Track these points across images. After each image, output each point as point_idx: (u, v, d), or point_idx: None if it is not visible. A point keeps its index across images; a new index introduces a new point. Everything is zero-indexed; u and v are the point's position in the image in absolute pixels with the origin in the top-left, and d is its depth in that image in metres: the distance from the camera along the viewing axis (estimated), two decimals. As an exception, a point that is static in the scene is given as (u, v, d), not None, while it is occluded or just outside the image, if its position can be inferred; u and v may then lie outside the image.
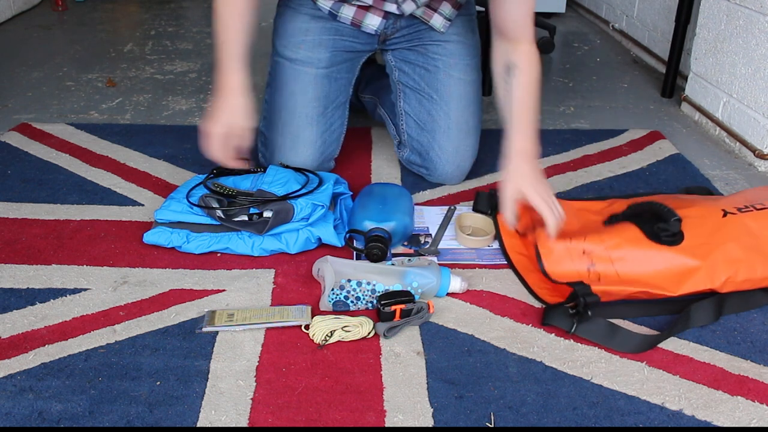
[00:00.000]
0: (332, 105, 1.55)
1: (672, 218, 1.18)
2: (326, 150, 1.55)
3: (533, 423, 0.94)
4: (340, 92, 1.57)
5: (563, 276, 1.17)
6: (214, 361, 1.04)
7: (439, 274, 1.17)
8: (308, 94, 1.52)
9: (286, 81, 1.52)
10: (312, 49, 1.51)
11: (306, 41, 1.51)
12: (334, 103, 1.55)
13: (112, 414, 0.94)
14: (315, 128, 1.52)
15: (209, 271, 1.25)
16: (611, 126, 1.96)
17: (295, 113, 1.51)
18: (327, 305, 1.14)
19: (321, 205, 1.30)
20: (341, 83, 1.56)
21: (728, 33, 1.83)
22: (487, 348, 1.08)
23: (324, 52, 1.52)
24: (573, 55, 2.64)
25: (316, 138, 1.52)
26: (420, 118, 1.57)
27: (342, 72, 1.56)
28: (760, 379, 1.02)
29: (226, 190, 1.33)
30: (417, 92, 1.57)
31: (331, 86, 1.54)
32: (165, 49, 2.62)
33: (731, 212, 1.24)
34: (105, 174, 1.61)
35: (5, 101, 2.07)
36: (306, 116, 1.52)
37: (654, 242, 1.19)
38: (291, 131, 1.51)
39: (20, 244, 1.33)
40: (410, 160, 1.62)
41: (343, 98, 1.58)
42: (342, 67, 1.55)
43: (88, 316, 1.13)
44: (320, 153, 1.53)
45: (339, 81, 1.55)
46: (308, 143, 1.52)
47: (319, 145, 1.53)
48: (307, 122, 1.52)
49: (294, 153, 1.51)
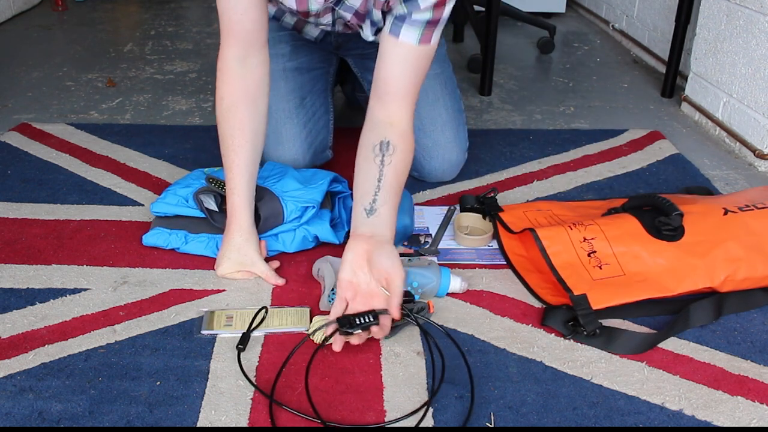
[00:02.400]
0: (310, 94, 1.53)
1: (673, 212, 1.18)
2: (315, 141, 1.53)
3: (533, 423, 0.94)
4: (316, 81, 1.55)
5: (564, 266, 1.16)
6: (214, 361, 1.04)
7: (439, 274, 1.17)
8: (280, 89, 1.51)
9: None
10: (272, 46, 1.49)
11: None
12: (312, 93, 1.53)
13: (112, 414, 0.94)
14: (295, 121, 1.51)
15: (209, 271, 1.25)
16: (611, 126, 1.96)
17: (272, 111, 1.49)
18: (327, 305, 1.14)
19: (311, 206, 1.29)
20: (315, 73, 1.55)
21: (728, 33, 1.83)
22: (487, 348, 1.08)
23: (285, 46, 1.52)
24: (573, 55, 2.64)
25: (299, 130, 1.51)
26: None
27: (314, 62, 1.54)
28: (760, 379, 1.02)
29: (222, 184, 1.33)
30: None
31: (303, 77, 1.53)
32: (165, 49, 2.62)
33: (732, 211, 1.25)
34: (105, 174, 1.61)
35: (5, 101, 2.07)
36: (283, 111, 1.51)
37: (653, 236, 1.19)
38: (272, 129, 1.49)
39: (20, 244, 1.33)
40: None
41: (322, 86, 1.56)
42: (312, 58, 1.54)
43: (88, 316, 1.13)
44: (308, 145, 1.52)
45: (312, 71, 1.54)
46: (292, 137, 1.50)
47: (304, 137, 1.51)
48: (286, 116, 1.51)
49: (280, 150, 1.50)
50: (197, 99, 2.11)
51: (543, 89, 2.26)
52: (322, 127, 1.55)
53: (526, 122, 1.98)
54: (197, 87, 2.22)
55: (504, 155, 1.74)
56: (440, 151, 1.54)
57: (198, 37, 2.80)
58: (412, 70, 1.15)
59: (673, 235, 1.19)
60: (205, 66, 2.43)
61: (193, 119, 1.96)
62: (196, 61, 2.48)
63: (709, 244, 1.18)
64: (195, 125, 1.91)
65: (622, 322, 1.14)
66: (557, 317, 1.12)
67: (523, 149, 1.78)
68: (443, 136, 1.54)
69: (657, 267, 1.17)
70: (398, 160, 1.15)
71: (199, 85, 2.23)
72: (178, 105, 2.07)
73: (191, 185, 1.34)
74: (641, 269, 1.17)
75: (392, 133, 1.15)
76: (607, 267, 1.17)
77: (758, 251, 1.19)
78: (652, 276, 1.16)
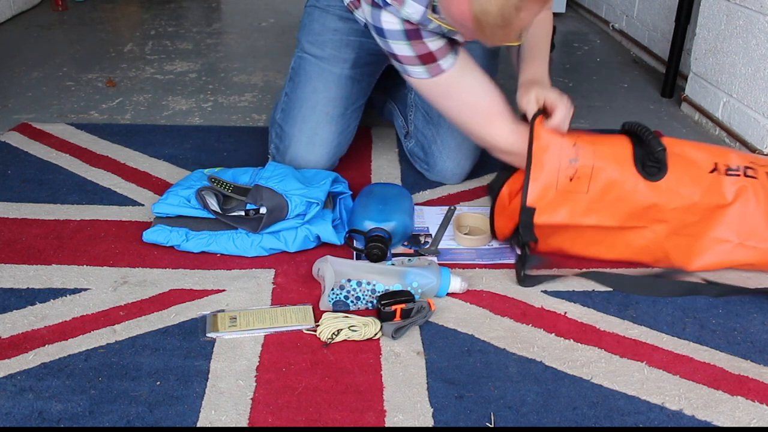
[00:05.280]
0: (352, 107, 1.55)
1: (658, 148, 1.19)
2: (339, 151, 1.55)
3: (533, 423, 0.94)
4: (360, 95, 1.56)
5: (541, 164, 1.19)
6: (214, 361, 1.04)
7: (439, 274, 1.17)
8: (331, 92, 1.52)
9: (310, 76, 1.52)
10: (339, 48, 1.51)
11: (334, 40, 1.51)
12: (353, 105, 1.55)
13: (112, 414, 0.94)
14: (334, 127, 1.52)
15: (209, 271, 1.25)
16: (611, 126, 1.95)
17: (316, 110, 1.51)
18: (327, 305, 1.14)
19: (315, 202, 1.30)
20: (362, 86, 1.56)
21: (728, 33, 1.83)
22: (487, 348, 1.08)
23: (351, 52, 1.52)
24: (573, 55, 2.64)
25: (333, 137, 1.52)
26: (428, 110, 1.57)
27: (365, 75, 1.56)
28: (760, 379, 1.02)
29: (224, 184, 1.33)
30: None
31: (353, 88, 1.54)
32: (165, 49, 2.62)
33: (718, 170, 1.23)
34: (105, 174, 1.61)
35: (5, 101, 2.07)
36: (326, 114, 1.51)
37: (636, 169, 1.20)
38: (310, 127, 1.51)
39: (20, 244, 1.33)
40: (414, 152, 1.62)
41: (361, 101, 1.58)
42: (366, 70, 1.55)
43: (88, 316, 1.13)
44: (334, 153, 1.54)
45: (361, 83, 1.55)
46: (326, 142, 1.51)
47: (335, 145, 1.53)
48: (327, 120, 1.51)
49: (310, 149, 1.51)
50: (197, 99, 2.11)
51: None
52: (347, 141, 1.57)
53: (526, 122, 1.98)
54: (197, 87, 2.22)
55: (504, 155, 1.74)
56: (460, 154, 1.55)
57: (198, 37, 2.80)
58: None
59: (654, 175, 1.20)
60: (205, 66, 2.43)
61: (193, 119, 1.96)
62: (196, 61, 2.48)
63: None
64: (195, 125, 1.91)
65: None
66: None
67: (523, 149, 1.78)
68: (467, 139, 1.53)
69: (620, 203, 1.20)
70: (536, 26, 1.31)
71: (199, 85, 2.24)
72: (178, 105, 2.07)
73: (193, 186, 1.34)
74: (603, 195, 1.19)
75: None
76: (577, 180, 1.19)
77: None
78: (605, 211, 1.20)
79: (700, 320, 1.15)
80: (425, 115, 1.57)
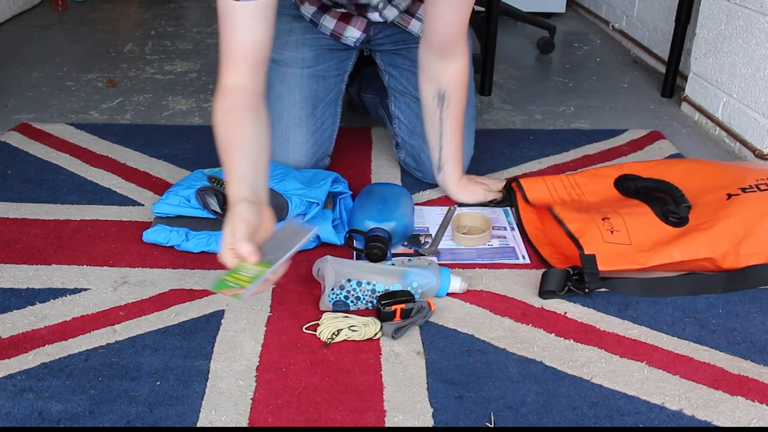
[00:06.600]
0: (322, 103, 1.53)
1: (683, 203, 1.28)
2: (318, 150, 1.54)
3: (533, 423, 0.94)
4: (330, 89, 1.55)
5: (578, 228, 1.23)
6: (214, 361, 1.04)
7: (439, 274, 1.17)
8: (295, 95, 1.51)
9: (272, 83, 1.50)
10: (296, 49, 1.50)
11: (289, 42, 1.50)
12: (323, 102, 1.54)
13: (112, 414, 0.94)
14: (305, 129, 1.51)
15: (209, 271, 1.25)
16: (611, 126, 1.96)
17: (283, 115, 1.50)
18: (327, 305, 1.14)
19: (315, 202, 1.29)
20: (330, 81, 1.55)
21: (728, 33, 1.83)
22: (487, 348, 1.08)
23: (308, 51, 1.51)
24: (573, 55, 2.64)
25: (306, 139, 1.51)
26: (410, 122, 1.56)
27: (330, 69, 1.54)
28: (760, 379, 1.02)
29: (224, 184, 1.33)
30: (406, 96, 1.56)
31: (318, 85, 1.53)
32: (165, 49, 2.62)
33: (735, 194, 1.30)
34: (105, 174, 1.61)
35: (5, 101, 2.07)
36: (294, 117, 1.50)
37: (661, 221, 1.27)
38: (281, 134, 1.50)
39: (20, 244, 1.33)
40: (406, 162, 1.61)
41: (334, 95, 1.56)
42: (330, 65, 1.54)
43: (88, 316, 1.13)
44: (312, 154, 1.52)
45: (327, 79, 1.54)
46: (299, 145, 1.50)
47: (310, 146, 1.52)
48: (296, 123, 1.50)
49: (285, 155, 1.50)
50: (197, 99, 2.11)
51: (543, 89, 2.26)
52: (327, 137, 1.56)
53: (526, 122, 1.98)
54: (197, 87, 2.22)
55: (504, 155, 1.74)
56: None
57: (198, 37, 2.80)
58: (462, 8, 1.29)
59: (679, 223, 1.26)
60: (205, 66, 2.43)
61: (193, 119, 1.96)
62: (196, 61, 2.48)
63: (712, 223, 1.25)
64: (195, 125, 1.91)
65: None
66: (558, 277, 1.18)
67: (523, 149, 1.78)
68: None
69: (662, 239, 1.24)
70: (453, 108, 1.39)
71: (199, 85, 2.24)
72: (178, 105, 2.07)
73: (193, 186, 1.34)
74: (647, 241, 1.23)
75: (446, 80, 1.37)
76: (618, 233, 1.23)
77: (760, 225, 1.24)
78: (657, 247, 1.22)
79: (700, 320, 1.15)
80: (408, 127, 1.57)
